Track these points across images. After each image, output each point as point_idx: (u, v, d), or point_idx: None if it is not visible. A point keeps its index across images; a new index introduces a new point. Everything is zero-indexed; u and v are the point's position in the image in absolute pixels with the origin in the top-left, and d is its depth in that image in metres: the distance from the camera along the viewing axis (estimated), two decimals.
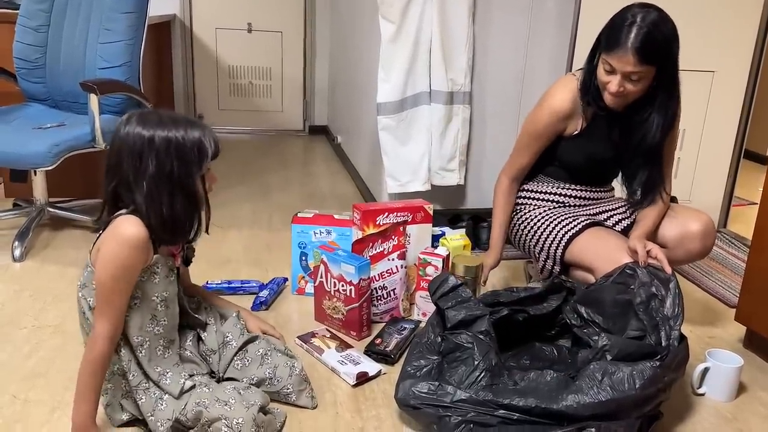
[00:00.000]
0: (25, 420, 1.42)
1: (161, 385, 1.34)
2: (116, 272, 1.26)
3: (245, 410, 1.30)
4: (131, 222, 1.28)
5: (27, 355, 1.67)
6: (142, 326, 1.34)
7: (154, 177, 1.27)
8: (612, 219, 1.92)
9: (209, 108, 4.53)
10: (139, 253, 1.28)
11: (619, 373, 1.34)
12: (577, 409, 1.31)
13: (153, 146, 1.26)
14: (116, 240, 1.27)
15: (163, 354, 1.38)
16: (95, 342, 1.28)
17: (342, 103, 3.99)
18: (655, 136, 1.75)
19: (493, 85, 2.65)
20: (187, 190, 1.31)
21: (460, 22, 2.48)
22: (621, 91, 1.66)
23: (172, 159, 1.27)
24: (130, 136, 1.27)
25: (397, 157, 2.57)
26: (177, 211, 1.30)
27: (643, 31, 1.58)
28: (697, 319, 2.08)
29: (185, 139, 1.28)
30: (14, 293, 2.01)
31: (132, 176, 1.27)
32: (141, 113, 1.31)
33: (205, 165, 1.32)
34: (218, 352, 1.49)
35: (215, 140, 1.34)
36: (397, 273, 1.93)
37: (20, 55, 2.54)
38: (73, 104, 2.56)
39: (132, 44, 2.48)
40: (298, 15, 4.44)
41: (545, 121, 1.83)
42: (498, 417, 1.33)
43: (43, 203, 2.50)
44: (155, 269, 1.34)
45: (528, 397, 1.34)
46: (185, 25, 4.31)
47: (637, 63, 1.60)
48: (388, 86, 2.49)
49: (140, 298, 1.33)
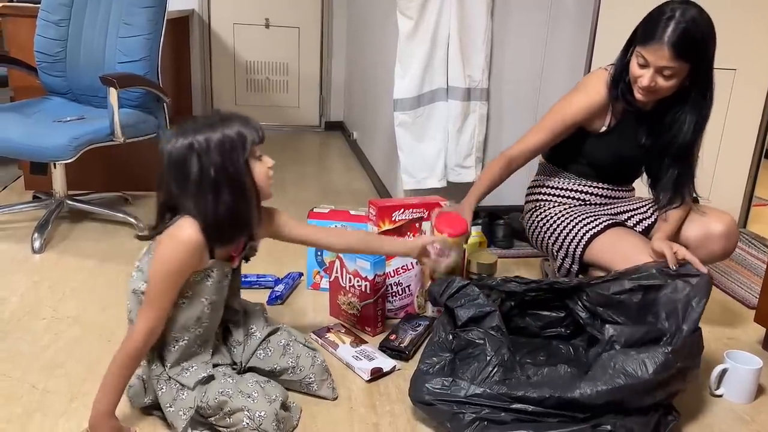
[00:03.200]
0: (44, 409, 1.44)
1: (178, 379, 1.35)
2: (167, 272, 1.28)
3: (268, 404, 1.32)
4: (188, 224, 1.28)
5: (46, 346, 1.69)
6: (185, 326, 1.35)
7: (198, 179, 1.27)
8: (633, 219, 1.90)
9: (226, 103, 4.55)
10: (191, 257, 1.29)
11: (631, 360, 1.34)
12: (591, 396, 1.31)
13: (192, 151, 1.26)
14: (171, 241, 1.28)
15: (196, 351, 1.39)
16: (132, 336, 1.29)
17: (358, 99, 3.99)
18: (686, 136, 1.72)
19: (511, 81, 2.64)
20: (235, 182, 1.30)
21: (478, 18, 2.47)
22: (652, 86, 1.63)
23: (213, 156, 1.27)
24: (172, 150, 1.28)
25: (413, 154, 2.56)
26: (226, 207, 1.29)
27: (681, 26, 1.56)
28: (715, 319, 2.06)
29: (223, 135, 1.28)
30: (33, 284, 2.04)
31: (177, 186, 1.29)
32: (178, 127, 1.32)
33: (247, 150, 1.31)
34: (243, 343, 1.51)
35: (256, 127, 1.34)
36: (412, 269, 1.92)
37: (41, 49, 2.56)
38: (92, 98, 2.58)
39: (151, 39, 2.50)
40: (316, 11, 4.44)
41: (577, 107, 1.79)
42: (512, 413, 1.33)
43: (63, 196, 2.53)
44: (210, 273, 1.35)
45: (542, 388, 1.33)
46: (203, 20, 4.33)
47: (671, 58, 1.58)
48: (405, 82, 2.49)
49: (189, 297, 1.34)
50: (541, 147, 1.86)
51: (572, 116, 1.80)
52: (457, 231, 1.70)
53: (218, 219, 1.29)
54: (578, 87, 1.84)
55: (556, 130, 1.82)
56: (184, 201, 1.29)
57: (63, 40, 2.57)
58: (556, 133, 1.83)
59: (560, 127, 1.82)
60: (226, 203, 1.29)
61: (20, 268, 2.16)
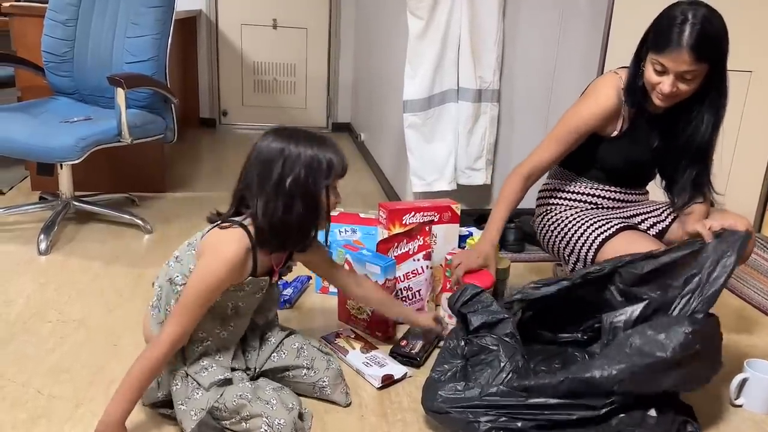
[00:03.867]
0: (49, 415, 1.41)
1: (195, 377, 1.34)
2: (205, 285, 1.28)
3: (287, 413, 1.32)
4: (235, 238, 1.31)
5: (51, 349, 1.67)
6: (209, 325, 1.37)
7: (277, 183, 1.30)
8: (646, 222, 1.87)
9: (233, 104, 4.53)
10: (233, 273, 1.30)
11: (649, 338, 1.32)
12: (607, 375, 1.28)
13: (282, 156, 1.30)
14: (215, 256, 1.30)
15: (217, 355, 1.39)
16: (159, 344, 1.28)
17: (366, 100, 3.96)
18: (705, 135, 1.69)
19: (523, 83, 2.60)
20: (309, 199, 1.33)
21: (489, 19, 2.43)
22: (674, 91, 1.60)
23: (300, 168, 1.30)
24: (263, 147, 1.32)
25: (422, 156, 2.53)
26: (293, 216, 1.32)
27: (696, 28, 1.52)
28: (732, 327, 2.02)
29: (316, 153, 1.32)
30: (39, 286, 2.01)
31: (257, 182, 1.31)
32: (278, 129, 1.36)
33: (331, 178, 1.35)
34: (258, 349, 1.49)
35: (344, 160, 1.37)
36: (422, 274, 1.89)
37: (48, 49, 2.54)
38: (99, 98, 2.56)
39: (159, 39, 2.47)
40: (324, 11, 4.42)
41: (589, 115, 1.75)
42: (529, 412, 1.30)
43: (69, 197, 2.50)
44: (245, 287, 1.37)
45: (556, 374, 1.32)
46: (211, 20, 4.31)
47: (693, 61, 1.54)
48: (415, 83, 2.46)
49: (218, 301, 1.35)
50: (555, 160, 1.82)
51: (584, 125, 1.77)
52: (486, 285, 1.69)
53: (282, 224, 1.31)
54: (588, 94, 1.81)
55: (569, 140, 1.79)
56: (257, 198, 1.31)
57: (70, 40, 2.55)
58: (569, 144, 1.79)
59: (573, 137, 1.78)
60: (293, 214, 1.32)
61: (26, 269, 2.13)
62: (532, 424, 1.30)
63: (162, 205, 2.86)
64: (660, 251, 1.57)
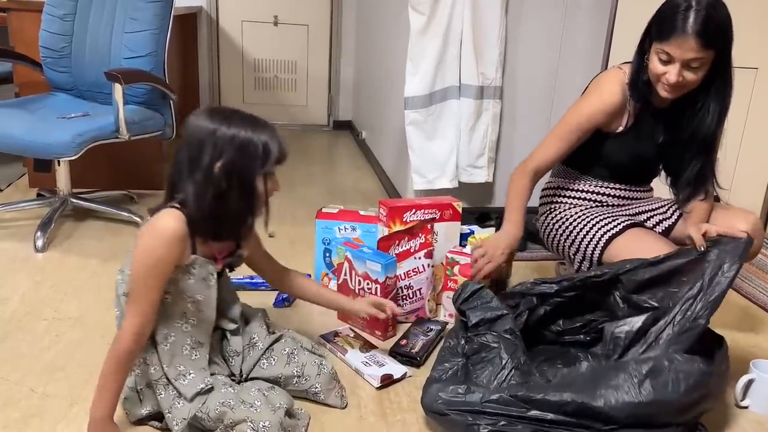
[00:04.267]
0: (43, 414, 1.39)
1: (176, 386, 1.29)
2: (147, 266, 1.23)
3: (272, 413, 1.26)
4: (170, 216, 1.25)
5: (46, 347, 1.64)
6: (169, 321, 1.31)
7: (209, 168, 1.23)
8: (652, 220, 1.84)
9: (234, 101, 4.50)
10: (171, 249, 1.24)
11: (664, 375, 1.27)
12: (615, 408, 1.25)
13: (214, 138, 1.23)
14: (151, 234, 1.24)
15: (190, 354, 1.33)
16: (122, 337, 1.25)
17: (367, 97, 3.94)
18: (711, 126, 1.66)
19: (525, 79, 2.57)
20: (245, 187, 1.27)
21: (492, 14, 2.40)
22: (680, 81, 1.57)
23: (233, 153, 1.23)
24: (194, 126, 1.25)
25: (424, 153, 2.50)
26: (228, 206, 1.26)
27: (702, 14, 1.50)
28: (737, 326, 1.99)
29: (251, 138, 1.25)
30: (35, 284, 1.99)
31: (187, 165, 1.25)
32: (212, 107, 1.29)
33: (268, 165, 1.28)
34: (242, 353, 1.44)
35: (282, 145, 1.30)
36: (423, 272, 1.87)
37: (46, 44, 2.52)
38: (97, 94, 2.53)
39: (157, 34, 2.45)
40: (325, 8, 4.39)
41: (592, 111, 1.73)
42: (529, 422, 1.27)
43: (67, 194, 2.48)
44: (191, 269, 1.30)
45: (563, 392, 1.27)
46: (211, 17, 4.28)
47: (699, 48, 1.51)
48: (416, 80, 2.43)
49: (172, 294, 1.30)
50: (561, 156, 1.79)
51: (587, 122, 1.74)
52: None
53: (210, 214, 1.25)
54: (591, 89, 1.78)
55: (573, 138, 1.76)
56: (187, 182, 1.25)
57: (68, 35, 2.52)
58: (572, 141, 1.76)
59: (576, 135, 1.75)
60: (229, 204, 1.26)
61: (22, 267, 2.11)
62: (532, 428, 1.27)
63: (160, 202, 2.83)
64: (660, 258, 1.55)
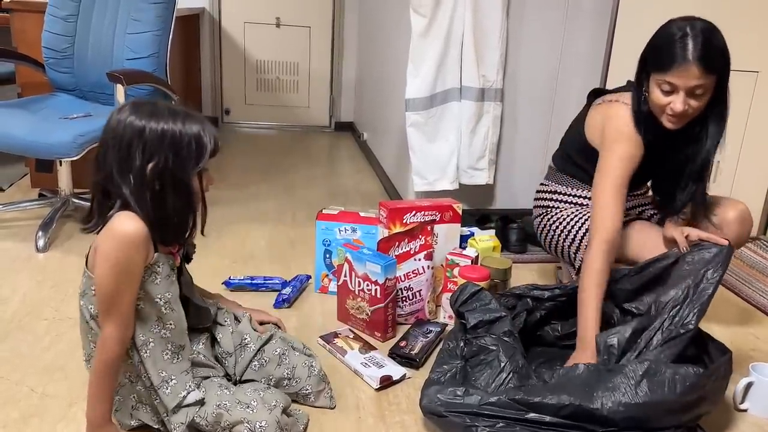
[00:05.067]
0: (42, 414, 1.39)
1: (160, 394, 1.26)
2: (117, 272, 1.17)
3: (268, 413, 1.26)
4: (128, 218, 1.17)
5: (46, 347, 1.65)
6: (146, 327, 1.26)
7: (141, 170, 1.16)
8: (646, 212, 1.85)
9: (236, 102, 4.51)
10: (138, 251, 1.18)
11: (660, 376, 1.28)
12: (612, 409, 1.25)
13: (143, 137, 1.16)
14: (113, 238, 1.16)
15: (171, 359, 1.29)
16: (105, 346, 1.21)
17: (369, 99, 3.94)
18: (710, 150, 1.63)
19: (526, 82, 2.57)
20: (181, 187, 1.21)
21: (493, 17, 2.41)
22: (686, 109, 1.53)
23: (165, 152, 1.17)
24: (120, 125, 1.17)
25: (424, 155, 2.51)
26: (167, 208, 1.21)
27: (700, 40, 1.48)
28: (737, 329, 1.99)
29: (181, 133, 1.18)
30: (36, 284, 1.99)
31: (117, 169, 1.17)
32: (135, 102, 1.21)
33: (202, 162, 1.22)
34: (234, 354, 1.44)
35: (215, 137, 1.23)
36: (423, 274, 1.87)
37: (49, 45, 2.53)
38: (100, 95, 2.54)
39: (160, 35, 2.46)
40: (327, 10, 4.40)
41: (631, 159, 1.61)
42: (527, 425, 1.27)
43: (68, 194, 2.49)
44: (156, 268, 1.24)
45: (561, 394, 1.27)
46: (214, 18, 4.29)
47: (702, 74, 1.49)
48: (417, 82, 2.43)
49: (143, 299, 1.24)
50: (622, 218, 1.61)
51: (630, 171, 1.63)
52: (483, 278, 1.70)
53: (153, 218, 1.19)
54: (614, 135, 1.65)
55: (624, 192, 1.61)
56: (123, 189, 1.17)
57: (71, 36, 2.53)
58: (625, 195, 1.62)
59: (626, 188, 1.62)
60: (167, 206, 1.21)
61: (24, 266, 2.12)
62: (530, 430, 1.27)
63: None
64: (639, 266, 1.58)
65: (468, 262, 1.83)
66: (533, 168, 2.57)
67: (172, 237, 1.28)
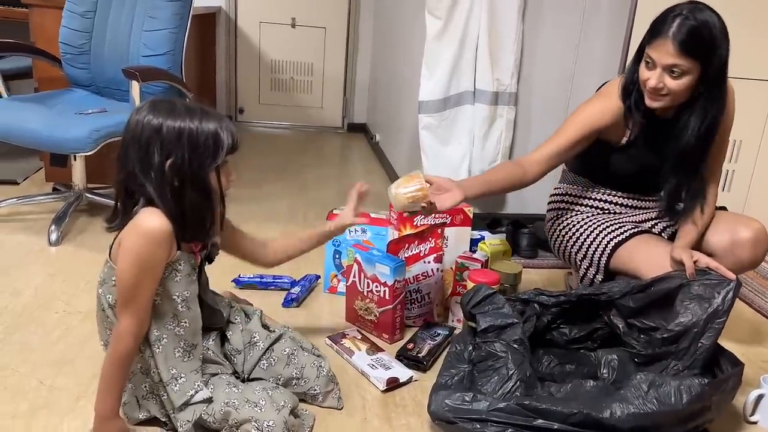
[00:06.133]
0: (50, 407, 1.40)
1: (168, 390, 1.28)
2: (139, 266, 1.20)
3: (276, 412, 1.26)
4: (153, 214, 1.21)
5: (56, 341, 1.66)
6: (161, 323, 1.28)
7: (160, 167, 1.19)
8: (658, 226, 1.83)
9: (250, 101, 4.52)
10: (161, 247, 1.21)
11: (666, 387, 1.29)
12: (620, 418, 1.25)
13: (161, 135, 1.19)
14: (138, 233, 1.20)
15: (182, 357, 1.30)
16: (120, 338, 1.23)
17: (382, 101, 3.94)
18: (689, 142, 1.62)
19: (541, 86, 2.56)
20: (199, 184, 1.23)
21: (509, 20, 2.40)
22: (660, 87, 1.55)
23: (183, 150, 1.19)
24: (138, 124, 1.20)
25: (437, 158, 2.50)
26: (187, 205, 1.23)
27: (688, 23, 1.49)
28: (748, 341, 1.96)
29: (198, 130, 1.21)
30: (48, 277, 2.01)
31: (139, 167, 1.20)
32: (154, 101, 1.23)
33: (219, 158, 1.24)
34: (243, 352, 1.45)
35: (233, 133, 1.25)
36: (432, 276, 1.86)
37: (66, 41, 2.55)
38: (115, 91, 2.56)
39: (176, 33, 2.47)
40: (342, 11, 4.40)
41: (592, 111, 1.70)
42: None
43: (82, 188, 2.50)
44: (177, 266, 1.27)
45: (569, 402, 1.28)
46: (230, 17, 4.31)
47: (677, 54, 1.50)
48: (431, 84, 2.43)
49: (161, 295, 1.26)
50: (557, 154, 1.70)
51: (588, 120, 1.69)
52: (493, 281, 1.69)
53: (176, 215, 1.22)
54: (597, 94, 1.78)
55: (572, 136, 1.69)
56: (146, 187, 1.20)
57: (88, 31, 2.55)
58: (572, 140, 1.69)
59: (576, 132, 1.69)
60: (186, 203, 1.23)
61: (36, 260, 2.13)
62: None
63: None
64: (643, 285, 1.57)
65: (478, 266, 1.82)
66: None
67: (191, 233, 1.29)
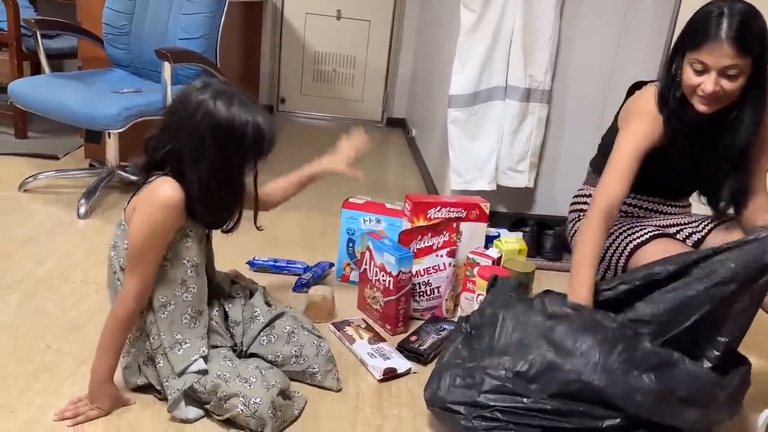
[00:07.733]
0: (53, 370, 1.44)
1: (169, 355, 1.31)
2: (150, 231, 1.26)
3: (265, 391, 1.27)
4: (169, 185, 1.27)
5: (69, 308, 1.71)
6: (170, 289, 1.32)
7: (210, 159, 1.25)
8: (682, 233, 1.74)
9: (292, 92, 4.57)
10: (173, 215, 1.27)
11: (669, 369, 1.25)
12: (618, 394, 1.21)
13: (220, 131, 1.24)
14: (152, 200, 1.26)
15: (189, 324, 1.34)
16: (123, 301, 1.28)
17: (420, 96, 3.91)
18: (745, 138, 1.55)
19: (577, 85, 2.49)
20: (232, 179, 1.31)
21: (545, 15, 2.34)
22: (717, 90, 1.47)
23: (231, 144, 1.26)
24: (200, 107, 1.24)
25: (464, 153, 2.46)
26: (217, 196, 1.30)
27: (736, 20, 1.42)
28: (764, 354, 1.86)
29: (247, 124, 1.25)
30: (72, 248, 2.07)
31: (188, 150, 1.25)
32: (217, 88, 1.27)
33: (260, 159, 1.32)
34: (242, 325, 1.46)
35: (273, 139, 1.31)
36: (444, 270, 1.83)
37: (108, 21, 2.62)
38: (152, 72, 2.61)
39: (212, 17, 2.51)
40: (388, 5, 4.39)
41: (643, 136, 1.58)
42: (527, 414, 1.24)
43: (114, 165, 2.57)
44: (188, 232, 1.32)
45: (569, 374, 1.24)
46: (277, 7, 4.36)
47: (735, 54, 1.42)
48: (462, 78, 2.39)
49: (171, 260, 1.31)
50: (627, 191, 1.58)
51: (643, 147, 1.58)
52: None
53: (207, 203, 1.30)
54: (634, 112, 1.65)
55: (634, 167, 1.58)
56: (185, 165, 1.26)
57: (129, 13, 2.62)
58: (634, 171, 1.58)
59: (636, 163, 1.58)
60: (216, 194, 1.29)
61: (63, 231, 2.20)
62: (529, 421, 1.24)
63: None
64: None
65: (489, 263, 1.78)
66: (577, 174, 2.46)
67: (215, 220, 1.37)
